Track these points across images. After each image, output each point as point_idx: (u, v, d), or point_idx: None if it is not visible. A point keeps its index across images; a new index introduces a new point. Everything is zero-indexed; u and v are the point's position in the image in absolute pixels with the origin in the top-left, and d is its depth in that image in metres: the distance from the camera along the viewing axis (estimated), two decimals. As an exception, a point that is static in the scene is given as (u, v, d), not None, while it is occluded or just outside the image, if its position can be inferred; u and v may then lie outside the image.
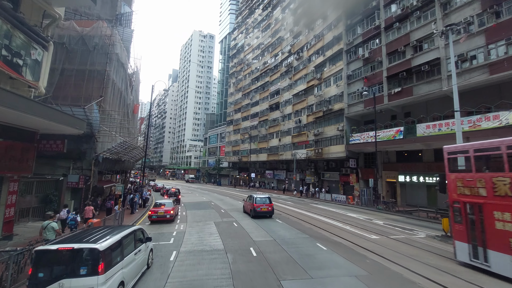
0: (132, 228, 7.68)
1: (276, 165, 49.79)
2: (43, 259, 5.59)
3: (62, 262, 5.62)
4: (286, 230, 13.81)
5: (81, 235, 6.60)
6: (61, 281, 5.33)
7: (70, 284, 5.34)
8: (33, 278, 5.39)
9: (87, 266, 5.55)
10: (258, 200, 18.14)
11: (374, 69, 28.32)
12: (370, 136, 27.31)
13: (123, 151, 19.49)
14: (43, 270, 5.49)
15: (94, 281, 5.43)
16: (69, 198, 16.89)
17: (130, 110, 26.05)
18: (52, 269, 5.55)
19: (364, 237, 12.46)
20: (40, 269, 5.48)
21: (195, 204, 25.61)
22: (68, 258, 5.63)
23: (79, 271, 5.51)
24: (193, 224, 15.84)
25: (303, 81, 41.17)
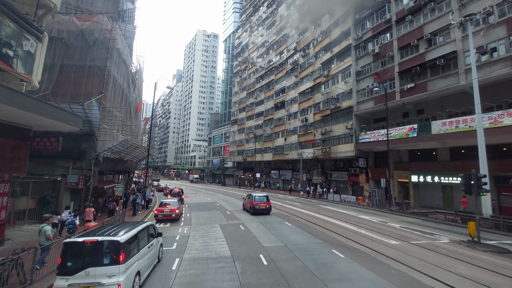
0: (145, 224, 8.40)
1: (281, 165, 48.79)
2: (71, 250, 6.21)
3: (88, 253, 6.20)
4: (297, 234, 12.85)
5: (102, 229, 7.26)
6: (87, 269, 5.96)
7: (95, 272, 5.97)
8: (62, 267, 6.02)
9: (110, 256, 6.17)
10: (257, 198, 19.57)
11: (385, 64, 27.18)
12: (381, 134, 26.18)
13: (125, 150, 18.75)
14: (71, 259, 6.10)
15: (116, 270, 6.06)
16: (69, 199, 16.15)
17: (133, 109, 25.34)
18: (79, 259, 6.12)
19: (383, 243, 11.45)
20: (68, 259, 6.09)
21: (200, 205, 24.78)
22: (93, 249, 6.22)
23: (102, 261, 6.12)
24: (197, 227, 14.98)
25: (309, 78, 40.12)
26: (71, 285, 5.86)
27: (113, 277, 6.01)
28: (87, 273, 5.96)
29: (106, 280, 5.97)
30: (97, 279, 5.96)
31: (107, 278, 5.98)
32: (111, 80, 17.44)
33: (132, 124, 23.04)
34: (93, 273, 5.98)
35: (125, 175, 26.70)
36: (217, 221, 16.59)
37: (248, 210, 20.22)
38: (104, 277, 5.99)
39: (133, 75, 26.49)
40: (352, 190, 32.61)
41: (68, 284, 5.86)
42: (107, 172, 19.44)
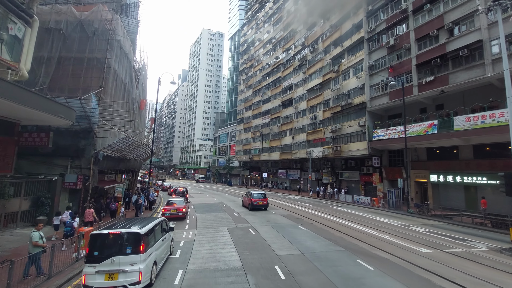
0: (159, 219, 9.05)
1: (289, 164, 47.42)
2: (97, 241, 6.87)
3: (112, 243, 6.83)
4: (314, 240, 11.56)
5: (123, 223, 7.93)
6: (112, 258, 6.59)
7: (119, 261, 6.59)
8: (90, 256, 6.66)
9: (132, 246, 6.79)
10: (255, 195, 21.62)
11: (400, 57, 25.62)
12: (397, 131, 24.65)
13: (127, 148, 17.72)
14: (97, 249, 6.72)
15: (137, 258, 6.68)
16: (67, 200, 15.17)
17: (136, 106, 24.35)
18: (104, 249, 6.76)
19: (414, 251, 10.08)
20: (95, 249, 6.72)
21: (206, 206, 23.66)
22: (117, 240, 6.85)
23: (125, 250, 6.74)
24: (203, 230, 13.81)
25: (318, 74, 38.66)
26: (98, 271, 6.50)
27: (135, 265, 6.64)
28: (112, 261, 6.58)
29: (129, 267, 6.59)
30: (121, 267, 6.58)
31: (129, 266, 6.61)
32: (111, 74, 16.41)
33: (134, 120, 22.02)
34: (117, 261, 6.60)
35: (128, 174, 25.75)
36: (224, 224, 15.40)
37: (247, 206, 21.97)
38: (127, 265, 6.61)
39: (136, 71, 25.51)
40: (364, 190, 31.09)
41: (96, 271, 6.49)
42: (108, 172, 18.43)
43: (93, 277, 6.47)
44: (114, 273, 6.53)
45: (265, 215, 18.43)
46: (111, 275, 6.53)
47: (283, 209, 21.85)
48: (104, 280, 6.48)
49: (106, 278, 6.50)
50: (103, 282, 6.47)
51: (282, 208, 22.10)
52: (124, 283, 6.49)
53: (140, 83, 26.01)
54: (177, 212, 16.76)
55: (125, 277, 6.54)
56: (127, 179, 26.31)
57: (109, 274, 6.53)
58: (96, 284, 6.44)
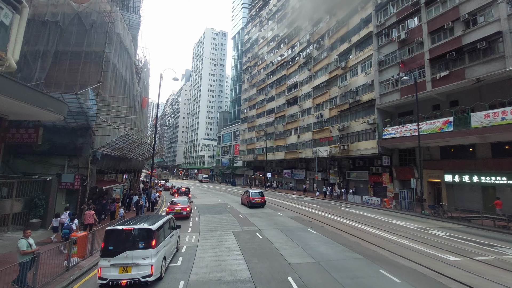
0: (167, 217, 9.33)
1: (294, 164, 46.42)
2: (112, 236, 7.13)
3: (126, 238, 7.12)
4: (328, 246, 10.61)
5: (134, 220, 8.30)
6: (126, 252, 6.90)
7: (133, 255, 6.92)
8: (105, 250, 6.95)
9: (144, 242, 7.10)
10: (253, 194, 22.99)
11: (412, 51, 24.51)
12: (409, 129, 23.57)
13: (127, 147, 16.90)
14: (112, 244, 6.99)
15: (149, 253, 7.01)
16: (63, 202, 14.40)
17: (138, 103, 23.58)
18: (119, 244, 7.01)
19: (440, 259, 9.09)
20: (110, 243, 7.00)
21: (209, 207, 22.80)
22: (130, 235, 7.16)
23: (138, 245, 7.04)
24: (207, 234, 12.93)
25: (324, 71, 37.62)
26: (113, 265, 6.80)
27: (147, 259, 6.95)
28: (126, 255, 6.89)
29: (142, 261, 6.91)
30: (134, 261, 6.90)
31: (142, 260, 6.93)
32: (110, 68, 15.61)
33: (135, 118, 21.23)
34: (130, 255, 6.92)
35: (130, 174, 24.99)
36: (229, 227, 14.50)
37: (246, 204, 23.43)
38: (140, 259, 6.93)
39: (138, 68, 24.75)
40: (373, 191, 30.00)
41: (110, 264, 6.80)
42: (108, 171, 17.65)
43: (108, 270, 6.82)
44: (128, 266, 6.89)
45: (272, 217, 17.50)
46: (124, 268, 6.88)
47: (290, 210, 20.91)
48: (118, 273, 6.83)
49: (120, 271, 6.86)
50: (118, 274, 6.81)
51: (289, 210, 21.16)
52: (137, 276, 6.84)
53: (142, 81, 25.24)
54: (181, 212, 16.94)
55: (138, 270, 6.89)
56: (129, 179, 25.55)
57: (123, 267, 6.88)
58: (111, 276, 6.78)
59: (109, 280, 6.73)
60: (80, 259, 8.37)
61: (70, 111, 13.06)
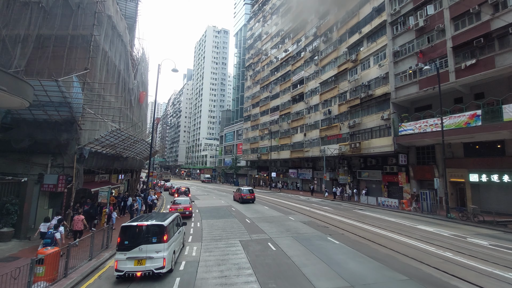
0: (175, 214, 9.87)
1: (300, 163, 44.50)
2: (127, 231, 7.79)
3: (140, 234, 7.78)
4: (357, 261, 8.71)
5: (146, 217, 8.91)
6: (140, 246, 7.51)
7: (146, 249, 7.51)
8: (121, 244, 7.54)
9: (157, 236, 7.76)
10: (244, 191, 26.09)
11: (432, 40, 22.53)
12: (430, 124, 21.60)
13: (121, 144, 15.12)
14: (127, 239, 7.63)
15: (161, 247, 7.64)
16: (46, 206, 12.63)
17: (135, 98, 21.82)
18: (133, 238, 7.66)
19: (506, 280, 7.16)
20: (125, 238, 7.63)
21: (212, 210, 20.96)
22: (144, 231, 7.84)
23: (151, 240, 7.69)
24: (210, 244, 11.07)
25: (332, 66, 35.66)
26: (129, 258, 7.34)
27: (159, 252, 7.52)
28: (140, 249, 7.46)
29: (155, 254, 7.46)
30: (148, 254, 7.44)
31: (155, 253, 7.48)
32: (100, 55, 13.80)
33: (130, 112, 19.45)
34: (144, 249, 7.48)
35: (126, 174, 23.20)
36: (236, 235, 12.64)
37: (238, 200, 26.24)
38: (153, 252, 7.48)
39: (134, 60, 22.97)
40: (387, 191, 28.02)
41: (126, 257, 7.34)
42: (99, 172, 15.85)
43: (124, 263, 7.27)
44: (142, 259, 7.36)
45: (283, 222, 15.62)
46: (139, 261, 7.34)
47: (302, 214, 19.01)
48: (134, 265, 7.29)
49: (135, 263, 7.31)
50: (133, 267, 7.28)
51: (300, 213, 19.27)
52: (151, 268, 7.29)
53: (139, 73, 23.45)
54: (184, 211, 17.15)
55: (151, 262, 7.35)
56: (126, 180, 23.77)
57: (137, 260, 7.34)
58: (127, 268, 7.24)
59: (125, 272, 7.23)
60: (48, 284, 6.63)
61: (51, 101, 11.31)
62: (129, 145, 16.95)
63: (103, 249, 9.82)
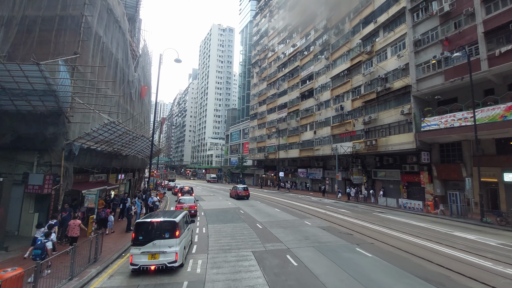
0: (184, 212, 10.04)
1: (309, 162, 42.60)
2: (141, 227, 8.17)
3: (153, 229, 8.15)
4: (405, 283, 6.90)
5: (159, 214, 9.48)
6: (154, 241, 7.89)
7: (160, 243, 7.89)
8: (136, 239, 7.94)
9: (169, 232, 8.12)
10: (240, 189, 29.12)
11: (460, 25, 20.47)
12: (458, 118, 19.56)
13: (118, 140, 13.56)
14: (141, 234, 8.03)
15: (173, 242, 8.00)
16: (32, 210, 11.12)
17: (135, 92, 20.30)
18: (147, 234, 8.04)
19: None
20: (139, 234, 8.03)
21: (219, 213, 19.30)
22: (157, 227, 8.21)
23: (164, 235, 8.06)
24: (218, 256, 9.37)
25: (345, 59, 33.69)
26: (143, 252, 7.73)
27: (172, 247, 7.90)
28: (154, 244, 7.83)
29: (168, 249, 7.84)
30: (161, 249, 7.82)
31: (168, 248, 7.86)
32: (93, 39, 12.24)
33: (130, 107, 17.92)
34: (158, 244, 7.84)
35: (127, 174, 21.68)
36: (247, 244, 10.92)
37: (234, 197, 29.44)
38: (166, 247, 7.85)
39: (135, 51, 21.45)
40: (407, 192, 25.98)
41: (141, 252, 7.73)
42: (93, 171, 14.29)
43: (138, 257, 7.72)
44: (156, 254, 7.76)
45: (299, 228, 13.84)
46: (153, 255, 7.75)
47: (318, 217, 17.19)
48: (148, 259, 7.71)
49: (149, 257, 7.73)
50: (147, 261, 7.70)
51: (316, 216, 17.45)
52: (164, 262, 7.73)
53: (141, 66, 21.93)
54: (189, 210, 16.94)
55: (164, 257, 7.78)
56: (127, 180, 22.28)
57: (151, 255, 7.75)
58: (141, 262, 7.67)
59: (140, 266, 7.59)
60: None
61: (34, 89, 9.77)
62: (128, 142, 15.38)
63: (90, 264, 8.20)
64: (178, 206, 17.70)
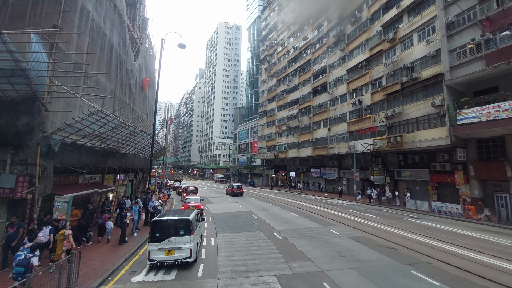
0: (196, 211, 10.56)
1: (323, 162, 40.07)
2: (158, 225, 8.65)
3: (169, 227, 8.67)
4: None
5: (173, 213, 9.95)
6: (170, 238, 8.42)
7: (175, 240, 8.42)
8: (152, 236, 8.44)
9: (184, 229, 8.64)
10: (235, 186, 33.22)
11: (503, 2, 17.73)
12: (505, 109, 16.85)
13: (111, 135, 11.51)
14: (158, 232, 8.52)
15: (188, 239, 8.54)
16: (3, 219, 9.11)
17: (136, 83, 18.31)
18: (163, 231, 8.55)
19: None
20: (156, 231, 8.52)
21: (229, 218, 17.10)
22: (173, 224, 8.74)
23: (179, 232, 8.58)
24: (232, 284, 7.11)
25: (362, 49, 31.08)
26: (160, 249, 8.24)
27: (186, 244, 8.43)
28: (170, 240, 8.37)
29: (183, 245, 8.37)
30: (177, 245, 8.34)
31: (183, 244, 8.39)
32: (78, 11, 10.18)
33: (128, 98, 15.89)
34: (174, 241, 8.38)
35: (128, 175, 19.67)
36: (267, 262, 8.65)
37: (230, 194, 33.17)
38: (181, 244, 8.39)
39: (135, 38, 19.46)
40: (437, 194, 23.25)
41: (158, 248, 8.25)
42: (82, 171, 12.25)
43: (155, 253, 8.19)
44: (172, 250, 8.25)
45: (326, 239, 11.49)
46: (169, 251, 8.24)
47: (344, 224, 14.79)
48: (164, 255, 8.19)
49: (166, 253, 8.21)
50: (164, 257, 8.17)
51: (341, 223, 15.04)
52: (180, 258, 8.21)
53: (142, 56, 19.94)
54: None
55: (180, 253, 8.27)
56: (128, 181, 20.31)
57: (167, 251, 8.23)
58: (158, 258, 8.15)
59: (157, 261, 8.11)
60: None
61: (0, 68, 7.74)
62: (125, 137, 13.34)
63: (61, 296, 6.09)
64: (185, 205, 17.63)
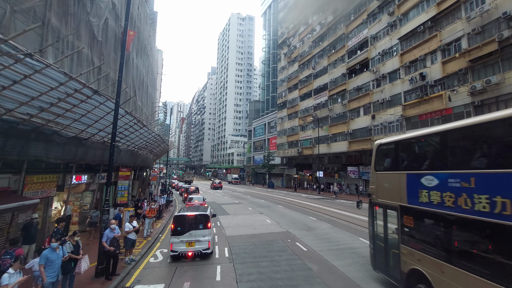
0: (210, 207, 11.67)
1: (361, 159, 32.38)
2: (179, 220, 9.63)
3: (190, 221, 9.60)
4: None
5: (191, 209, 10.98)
6: (190, 231, 9.32)
7: (195, 233, 9.33)
8: (175, 230, 9.36)
9: (202, 224, 9.54)
10: (216, 182, 44.79)
11: None
12: None
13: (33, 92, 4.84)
14: (179, 225, 9.46)
15: (207, 232, 9.44)
16: None
17: (105, 29, 11.57)
18: (185, 225, 9.47)
19: None
20: (178, 225, 9.46)
21: (257, 251, 10.04)
22: (193, 219, 9.65)
23: (199, 226, 9.46)
24: None
25: (425, 6, 23.30)
26: (181, 241, 9.18)
27: (205, 237, 9.34)
28: (190, 234, 9.29)
29: (202, 238, 9.29)
30: (197, 238, 9.27)
31: (202, 237, 9.30)
32: None
33: (88, 49, 9.13)
34: (194, 234, 9.30)
35: (97, 176, 13.04)
36: None
37: (212, 188, 44.12)
38: (200, 236, 9.30)
39: None
40: None
41: (179, 240, 9.19)
42: None
43: (177, 245, 9.17)
44: (192, 242, 9.18)
45: None
46: (190, 243, 9.19)
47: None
48: (186, 247, 9.17)
49: (187, 245, 9.18)
50: (185, 248, 9.16)
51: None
52: (199, 249, 9.18)
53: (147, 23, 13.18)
54: None
55: (199, 245, 9.21)
56: (96, 185, 13.62)
57: (188, 243, 9.19)
58: (180, 249, 9.13)
59: (179, 252, 9.09)
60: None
61: None
62: (83, 112, 6.53)
63: None
64: (189, 204, 17.60)
